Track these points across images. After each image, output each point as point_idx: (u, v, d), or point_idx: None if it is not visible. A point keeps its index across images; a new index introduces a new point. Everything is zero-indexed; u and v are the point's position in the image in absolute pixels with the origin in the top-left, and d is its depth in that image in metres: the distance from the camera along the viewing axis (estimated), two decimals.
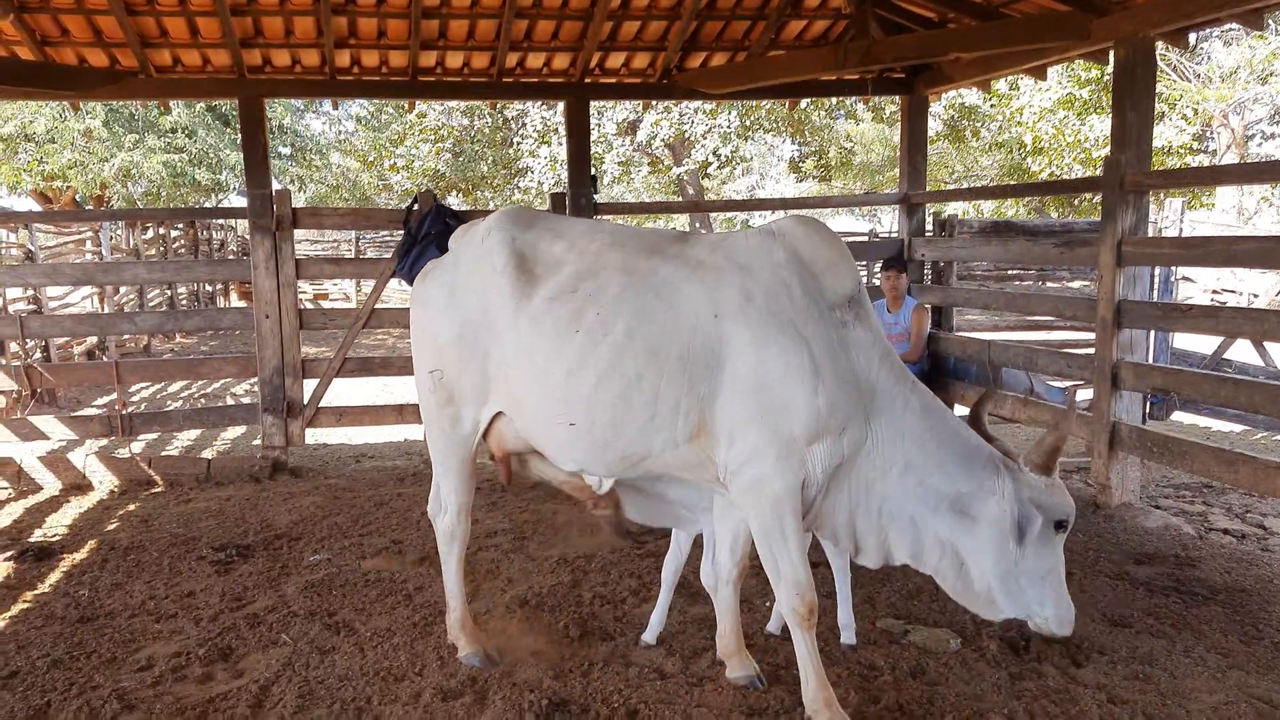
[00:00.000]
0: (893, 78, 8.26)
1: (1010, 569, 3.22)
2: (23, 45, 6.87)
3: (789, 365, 3.20)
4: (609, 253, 3.50)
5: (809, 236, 3.44)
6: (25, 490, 7.05)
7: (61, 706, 3.63)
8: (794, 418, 3.20)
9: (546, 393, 3.44)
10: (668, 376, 3.28)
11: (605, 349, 3.32)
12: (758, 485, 3.25)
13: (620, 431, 3.36)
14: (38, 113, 16.65)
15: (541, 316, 3.44)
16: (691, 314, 3.30)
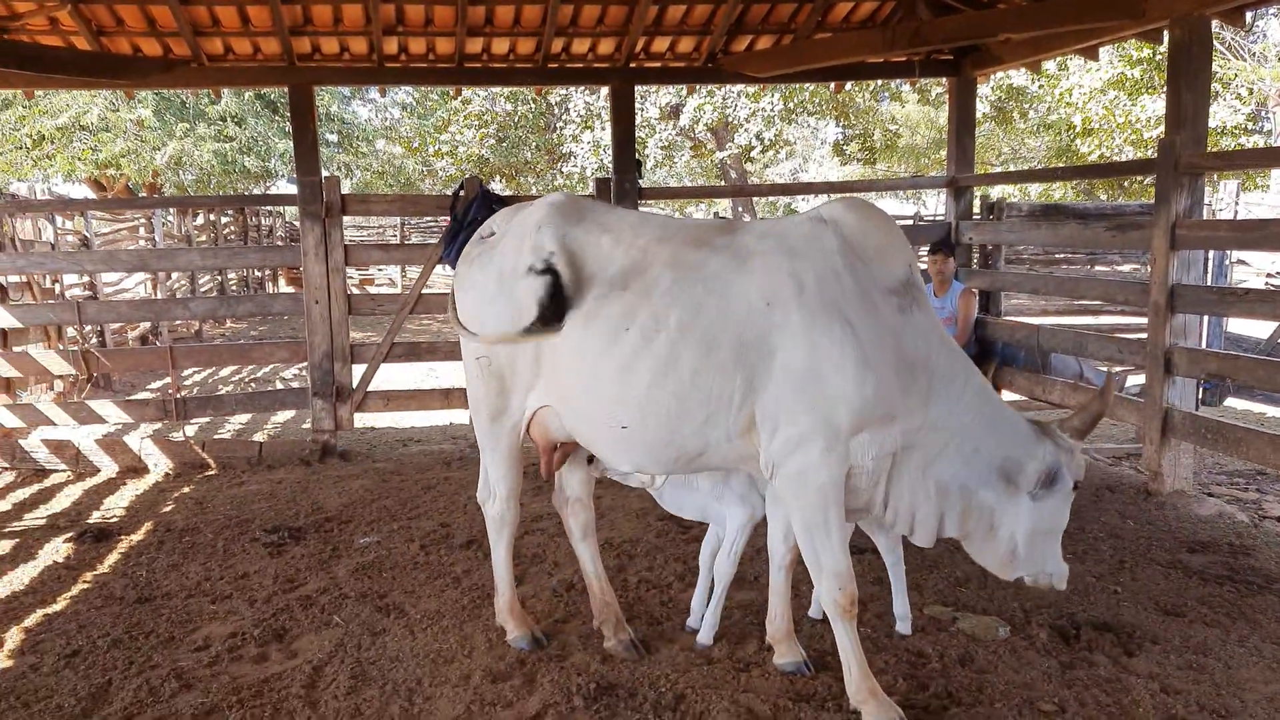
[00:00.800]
0: (940, 59, 8.15)
1: (1037, 528, 3.34)
2: (79, 35, 7.00)
3: (840, 354, 3.16)
4: (657, 247, 3.46)
5: (860, 221, 3.40)
6: (83, 473, 7.21)
7: (122, 685, 3.72)
8: (841, 408, 3.16)
9: (598, 392, 3.41)
10: (723, 370, 3.25)
11: (658, 346, 3.29)
12: (802, 476, 3.22)
13: (676, 430, 3.33)
14: (91, 102, 16.94)
15: (592, 315, 3.41)
16: (743, 304, 3.26)
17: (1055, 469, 3.31)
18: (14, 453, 7.28)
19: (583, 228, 3.59)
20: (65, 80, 7.28)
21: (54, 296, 10.65)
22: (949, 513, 3.38)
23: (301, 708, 3.51)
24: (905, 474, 3.34)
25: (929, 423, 3.29)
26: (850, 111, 22.75)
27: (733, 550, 3.93)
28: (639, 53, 7.85)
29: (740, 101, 19.48)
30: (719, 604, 3.98)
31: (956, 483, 3.34)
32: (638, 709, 3.43)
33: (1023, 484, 3.32)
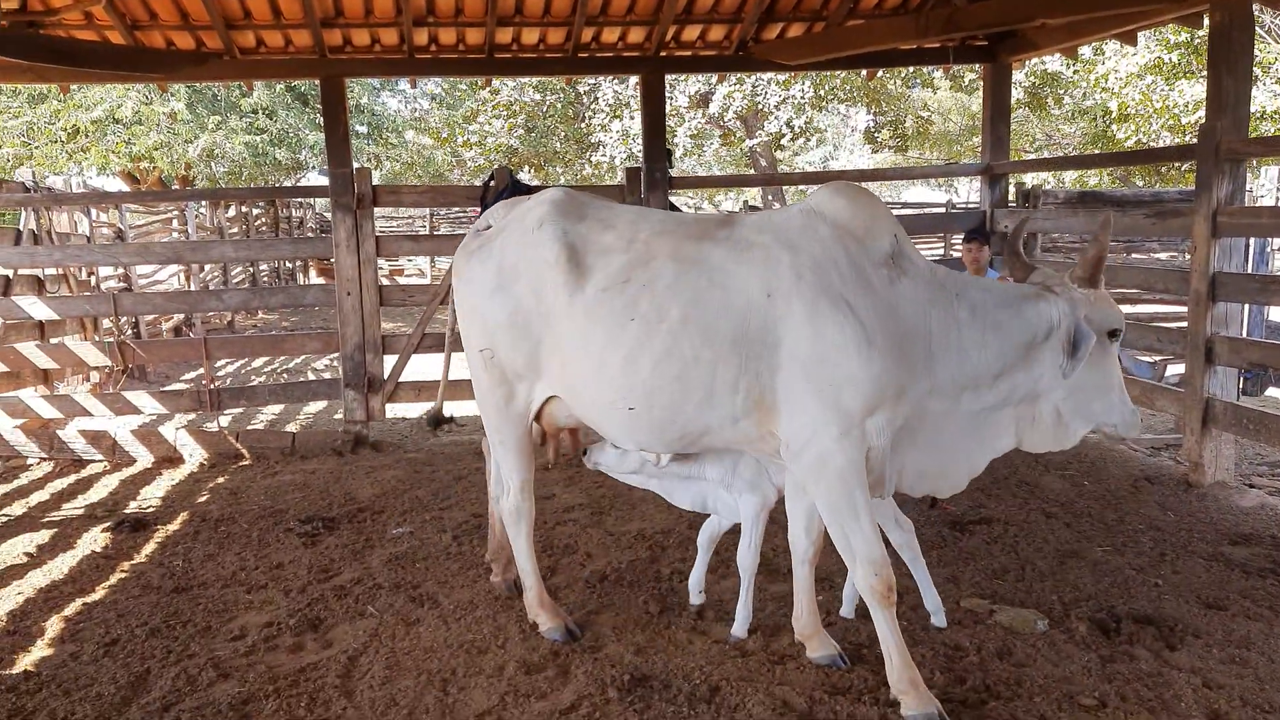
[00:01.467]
0: (975, 45, 8.05)
1: (1072, 387, 3.35)
2: (113, 29, 7.06)
3: (843, 339, 3.22)
4: (658, 241, 3.55)
5: (847, 204, 3.47)
6: (120, 463, 7.29)
7: (160, 674, 3.76)
8: (850, 391, 3.22)
9: (604, 380, 3.51)
10: (723, 356, 3.33)
11: (661, 335, 3.39)
12: (821, 463, 3.27)
13: (679, 411, 3.43)
14: (125, 96, 17.09)
15: (596, 307, 3.51)
16: (744, 295, 3.34)
17: (1077, 335, 3.28)
18: (52, 443, 7.37)
19: (584, 224, 3.70)
20: (100, 74, 7.34)
21: (89, 288, 10.76)
22: (978, 448, 3.46)
23: (337, 697, 3.53)
24: (917, 438, 3.39)
25: (934, 380, 3.34)
26: (881, 98, 22.51)
27: (752, 540, 3.95)
28: (669, 41, 7.81)
29: (770, 89, 19.34)
30: (749, 595, 3.97)
31: (980, 417, 3.40)
32: (672, 700, 3.41)
33: (1043, 354, 3.34)
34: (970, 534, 5.12)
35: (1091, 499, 5.72)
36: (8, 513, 6.07)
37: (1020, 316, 3.36)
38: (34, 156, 17.41)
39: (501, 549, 4.37)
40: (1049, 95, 22.29)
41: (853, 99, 21.33)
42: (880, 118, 24.11)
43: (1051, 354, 3.34)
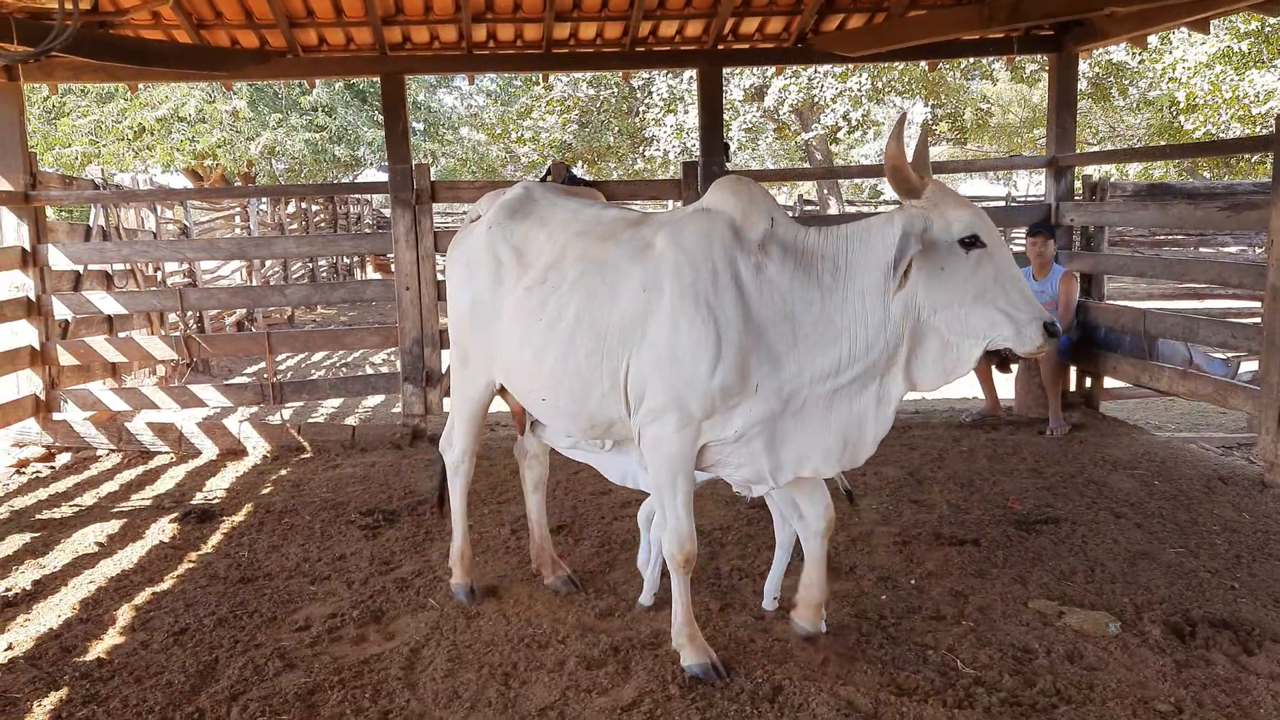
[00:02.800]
0: (1039, 35, 7.88)
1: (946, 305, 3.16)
2: (180, 29, 7.17)
3: (694, 343, 3.33)
4: (575, 242, 3.78)
5: (729, 195, 3.54)
6: (185, 455, 7.42)
7: (228, 663, 3.81)
8: (693, 393, 3.36)
9: (524, 370, 3.84)
10: (610, 353, 3.54)
11: (560, 332, 3.64)
12: (657, 444, 3.48)
13: (583, 404, 3.68)
14: (189, 94, 17.43)
15: (519, 304, 3.81)
16: (628, 292, 3.51)
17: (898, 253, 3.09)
18: (120, 435, 7.53)
19: (526, 224, 3.98)
20: (167, 73, 7.47)
21: (156, 284, 10.98)
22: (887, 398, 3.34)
23: (401, 689, 3.55)
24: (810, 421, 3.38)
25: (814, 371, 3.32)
26: (940, 90, 22.20)
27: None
28: (727, 34, 7.75)
29: (826, 82, 19.17)
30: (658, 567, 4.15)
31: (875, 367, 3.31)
32: (734, 699, 3.38)
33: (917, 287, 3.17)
34: (1037, 534, 5.02)
35: (1162, 499, 5.58)
36: (79, 503, 6.20)
37: (873, 253, 3.25)
38: (101, 154, 17.82)
39: (542, 550, 4.53)
40: (1113, 86, 21.84)
41: (911, 91, 21.06)
42: (938, 110, 23.77)
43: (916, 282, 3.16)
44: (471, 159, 26.36)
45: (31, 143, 7.71)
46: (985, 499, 5.65)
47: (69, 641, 4.08)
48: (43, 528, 5.67)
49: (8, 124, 7.41)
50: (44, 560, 5.13)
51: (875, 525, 5.21)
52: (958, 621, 4.00)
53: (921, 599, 4.23)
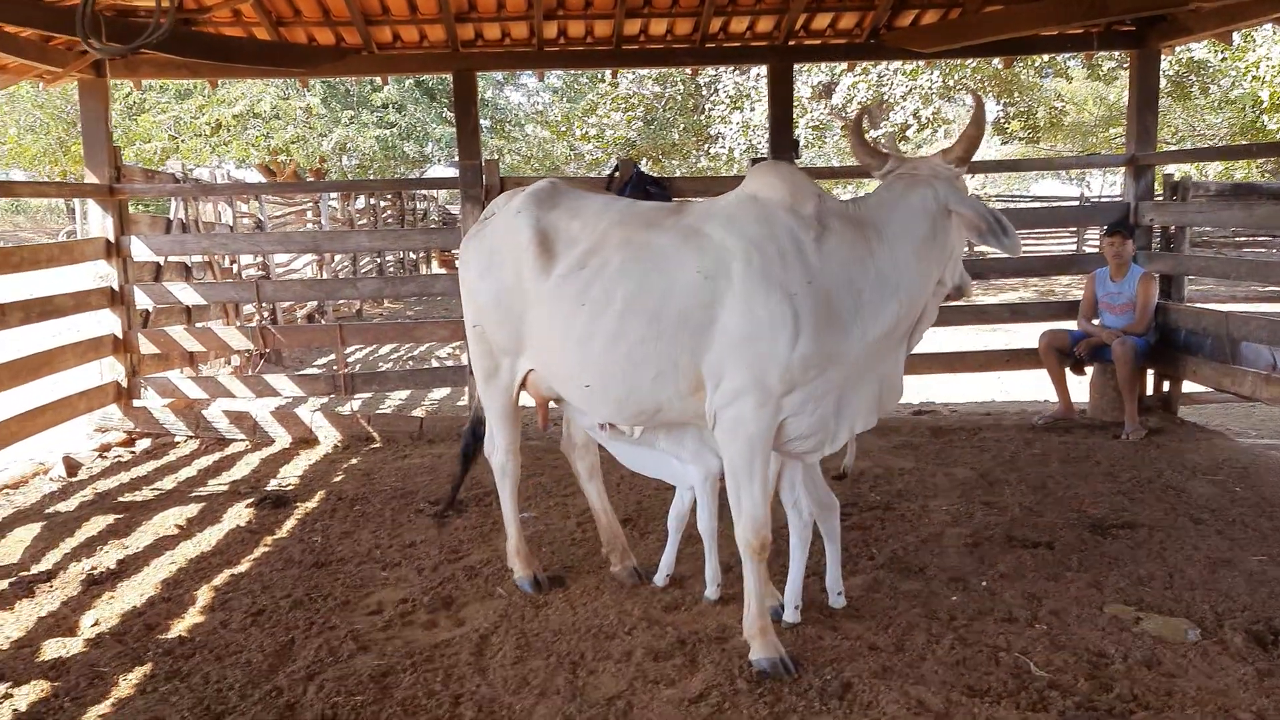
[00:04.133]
0: (1121, 31, 7.71)
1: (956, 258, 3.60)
2: (259, 26, 7.34)
3: (772, 318, 3.40)
4: (613, 230, 3.81)
5: (774, 179, 3.66)
6: (259, 443, 7.59)
7: (304, 644, 3.89)
8: (774, 369, 3.41)
9: (566, 358, 3.85)
10: (666, 337, 3.57)
11: (608, 318, 3.66)
12: (735, 425, 3.51)
13: (630, 389, 3.71)
14: (265, 91, 17.81)
15: (558, 291, 3.82)
16: (684, 278, 3.55)
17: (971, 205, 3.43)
18: (198, 422, 7.72)
19: (555, 213, 4.00)
20: (247, 69, 7.65)
21: (231, 276, 11.24)
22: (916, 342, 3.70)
23: (471, 674, 3.60)
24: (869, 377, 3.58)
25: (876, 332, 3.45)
26: (1013, 88, 21.80)
27: (707, 506, 4.17)
28: (798, 30, 7.71)
29: (896, 79, 18.95)
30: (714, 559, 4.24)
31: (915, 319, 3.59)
32: (802, 695, 3.37)
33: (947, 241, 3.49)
34: (1113, 538, 4.92)
35: (1244, 505, 5.43)
36: (159, 487, 6.38)
37: (912, 215, 3.47)
38: (179, 150, 18.28)
39: (615, 537, 4.54)
40: (1194, 84, 21.28)
41: (982, 88, 20.73)
42: (1010, 108, 23.35)
43: (946, 238, 3.48)
44: (536, 156, 26.56)
45: (114, 138, 7.91)
46: (1058, 502, 5.54)
47: (152, 619, 4.21)
48: (125, 510, 5.85)
49: (94, 120, 7.65)
50: (126, 541, 5.29)
51: (945, 526, 5.15)
52: (1031, 624, 3.94)
53: (993, 601, 4.17)
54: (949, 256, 3.56)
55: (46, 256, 7.34)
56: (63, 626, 4.18)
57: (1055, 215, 20.21)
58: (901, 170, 3.60)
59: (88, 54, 7.16)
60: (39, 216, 38.73)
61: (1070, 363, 7.49)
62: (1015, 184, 36.40)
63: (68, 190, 11.18)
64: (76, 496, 6.20)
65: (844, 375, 3.52)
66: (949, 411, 8.16)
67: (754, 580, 3.64)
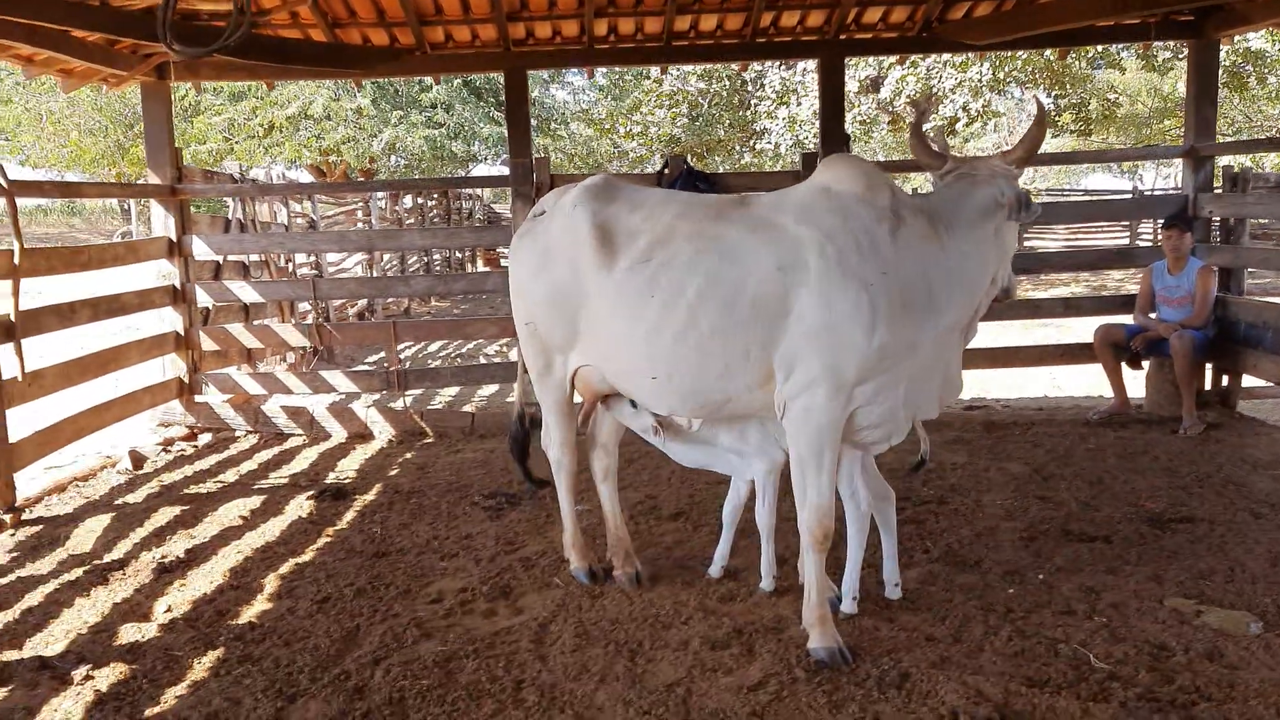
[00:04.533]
0: (1178, 20, 7.59)
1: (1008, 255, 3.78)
2: (315, 28, 7.47)
3: (851, 309, 3.43)
4: (679, 222, 3.79)
5: (847, 171, 3.70)
6: (316, 437, 7.74)
7: (369, 630, 3.99)
8: (850, 359, 3.46)
9: (632, 351, 3.82)
10: (738, 328, 3.57)
11: (679, 310, 3.64)
12: (806, 414, 3.54)
13: (700, 381, 3.71)
14: (317, 92, 18.07)
15: (623, 284, 3.79)
16: (757, 270, 3.56)
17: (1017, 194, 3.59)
18: (257, 418, 7.89)
19: (614, 206, 3.97)
20: (304, 70, 7.79)
21: (287, 274, 11.44)
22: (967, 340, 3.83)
23: (532, 661, 3.67)
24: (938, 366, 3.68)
25: (947, 321, 3.56)
26: (1065, 79, 21.46)
27: (767, 500, 4.20)
28: (850, 23, 7.69)
29: (945, 72, 18.75)
30: (770, 552, 4.27)
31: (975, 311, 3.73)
32: (860, 684, 3.40)
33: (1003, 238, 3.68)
34: (1173, 532, 4.87)
35: None
36: (222, 479, 6.54)
37: (980, 213, 3.60)
38: (234, 150, 18.61)
39: (620, 541, 4.51)
40: (1250, 74, 20.84)
41: (1033, 81, 20.46)
42: (1061, 100, 23.02)
43: (1004, 234, 3.64)
44: (580, 154, 26.67)
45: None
46: (1115, 497, 5.50)
47: (222, 606, 4.33)
48: (190, 501, 6.00)
49: (157, 122, 7.83)
50: (194, 531, 5.43)
51: (1000, 520, 5.13)
52: (1089, 617, 3.92)
53: (1050, 594, 4.16)
54: (1005, 254, 3.70)
55: (112, 255, 7.53)
56: (137, 612, 4.31)
57: (1110, 209, 19.95)
58: (962, 170, 3.74)
59: (152, 57, 7.36)
60: (93, 218, 39.60)
61: (1127, 357, 7.41)
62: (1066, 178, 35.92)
63: (131, 191, 11.45)
64: (144, 488, 6.37)
65: (913, 366, 3.58)
66: (1001, 407, 8.10)
67: (814, 570, 3.68)
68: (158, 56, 7.36)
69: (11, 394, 5.92)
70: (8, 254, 5.94)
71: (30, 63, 6.98)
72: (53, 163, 22.70)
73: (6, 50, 6.43)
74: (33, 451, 6.15)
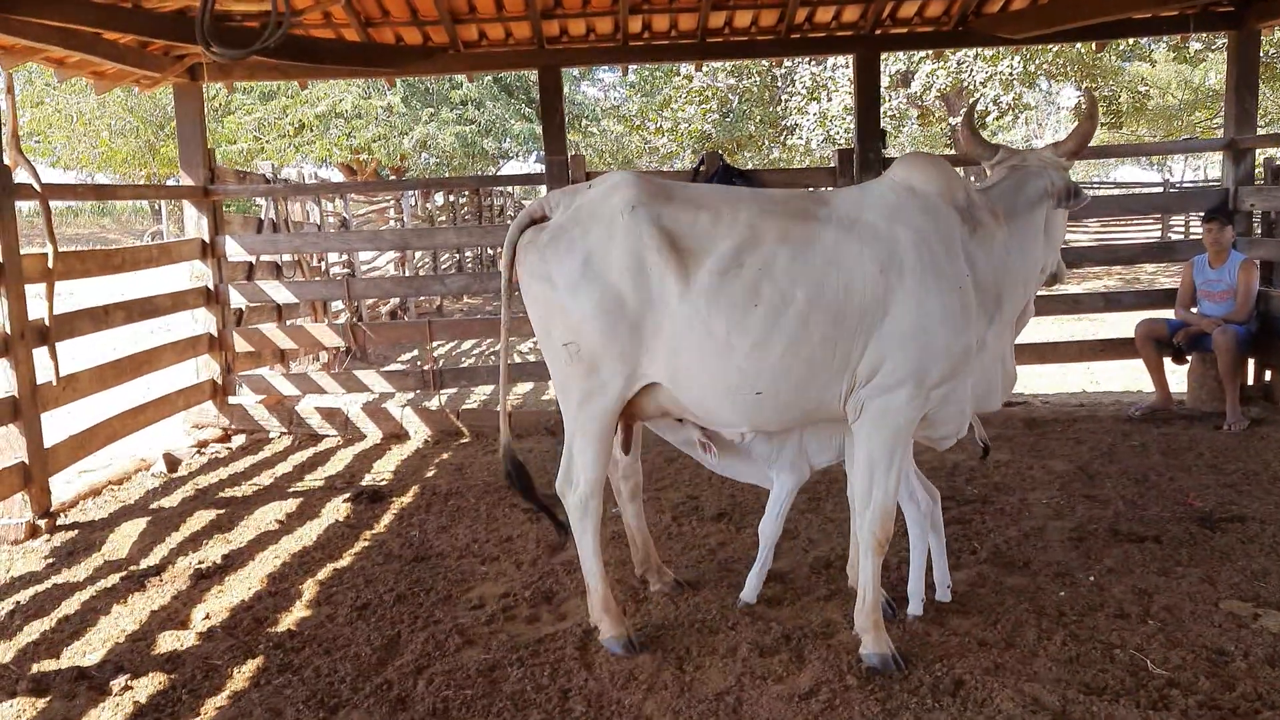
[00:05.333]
0: (1218, 11, 7.45)
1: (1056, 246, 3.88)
2: (348, 27, 7.46)
3: (944, 311, 3.41)
4: (764, 222, 3.54)
5: (929, 172, 3.63)
6: (351, 438, 7.74)
7: (410, 638, 3.96)
8: (940, 361, 3.44)
9: (729, 365, 3.49)
10: (846, 335, 3.46)
11: (789, 318, 3.43)
12: (884, 414, 3.48)
13: (804, 392, 3.54)
14: (346, 91, 18.12)
15: (715, 294, 3.45)
16: (860, 273, 3.45)
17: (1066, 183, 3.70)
18: (291, 418, 7.90)
19: (674, 206, 3.60)
20: (337, 70, 7.78)
21: (320, 274, 11.47)
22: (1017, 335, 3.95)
23: (578, 669, 3.62)
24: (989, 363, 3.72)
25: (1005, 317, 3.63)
26: (1096, 73, 21.22)
27: (779, 513, 4.11)
28: (885, 18, 7.60)
29: (976, 65, 18.58)
30: (765, 563, 4.15)
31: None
32: (914, 691, 3.33)
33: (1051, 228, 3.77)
34: (1223, 532, 4.77)
35: None
36: (257, 482, 6.54)
37: (1033, 203, 3.67)
38: (265, 150, 18.69)
39: (648, 557, 4.36)
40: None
41: (1064, 74, 20.24)
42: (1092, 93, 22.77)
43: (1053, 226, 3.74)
44: (610, 150, 26.63)
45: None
46: (1162, 495, 5.40)
47: (260, 613, 4.31)
48: (226, 505, 6.00)
49: (190, 123, 7.85)
50: (230, 536, 5.43)
51: (1047, 520, 5.05)
52: (1144, 621, 3.84)
53: (1103, 596, 4.08)
54: (1053, 243, 3.78)
55: (146, 257, 7.55)
56: (175, 620, 4.30)
57: (1148, 202, 19.65)
58: (1013, 161, 3.75)
59: (184, 58, 7.37)
60: (124, 218, 39.97)
61: (1169, 352, 7.28)
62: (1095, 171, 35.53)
63: (164, 193, 11.52)
64: (178, 492, 6.38)
65: (979, 363, 3.61)
66: (1041, 403, 7.99)
67: (872, 574, 3.61)
68: (190, 58, 7.37)
69: (46, 398, 5.94)
70: (42, 257, 5.97)
71: (62, 65, 7.00)
72: (84, 164, 22.92)
73: (39, 53, 6.45)
74: (68, 456, 6.18)
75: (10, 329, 5.65)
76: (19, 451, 5.71)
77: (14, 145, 5.83)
